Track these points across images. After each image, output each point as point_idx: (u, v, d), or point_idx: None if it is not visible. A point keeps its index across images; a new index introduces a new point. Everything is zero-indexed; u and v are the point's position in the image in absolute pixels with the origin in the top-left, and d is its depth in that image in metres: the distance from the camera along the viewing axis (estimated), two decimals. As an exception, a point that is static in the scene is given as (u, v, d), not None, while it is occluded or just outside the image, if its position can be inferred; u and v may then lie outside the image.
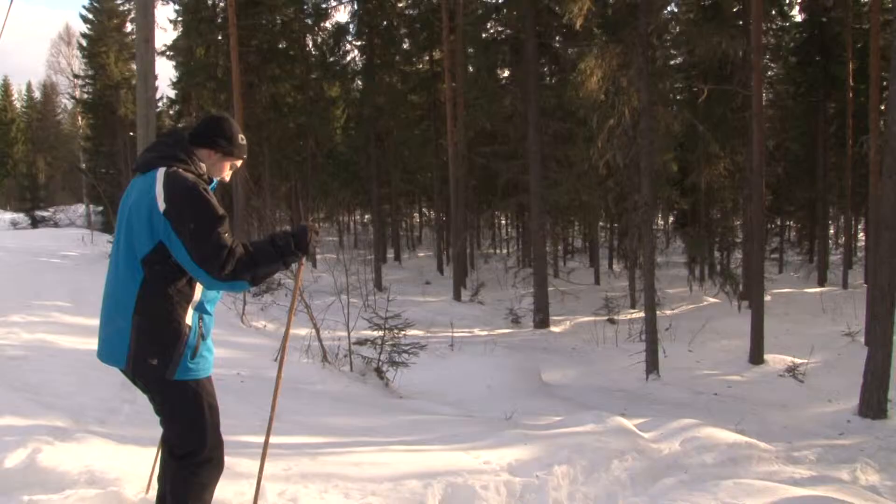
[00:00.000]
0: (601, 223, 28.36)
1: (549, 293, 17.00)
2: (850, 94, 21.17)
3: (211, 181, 2.81)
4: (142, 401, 5.12)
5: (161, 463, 2.93)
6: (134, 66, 17.01)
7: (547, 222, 18.50)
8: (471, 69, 21.41)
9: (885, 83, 15.11)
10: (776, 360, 12.88)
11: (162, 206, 2.49)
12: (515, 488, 4.34)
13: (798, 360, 12.35)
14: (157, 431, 2.99)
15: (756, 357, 12.87)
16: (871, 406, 9.40)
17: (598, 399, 9.90)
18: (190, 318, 2.64)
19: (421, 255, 34.21)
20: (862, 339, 13.10)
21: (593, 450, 5.17)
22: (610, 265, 30.75)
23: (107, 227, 25.95)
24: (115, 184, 30.05)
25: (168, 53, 25.54)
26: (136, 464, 3.72)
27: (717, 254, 26.03)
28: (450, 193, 21.12)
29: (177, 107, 30.27)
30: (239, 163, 2.92)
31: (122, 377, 2.83)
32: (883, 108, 9.39)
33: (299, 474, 4.01)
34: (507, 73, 20.90)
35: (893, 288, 9.54)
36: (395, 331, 8.70)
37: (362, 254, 21.91)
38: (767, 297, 17.71)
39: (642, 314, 12.24)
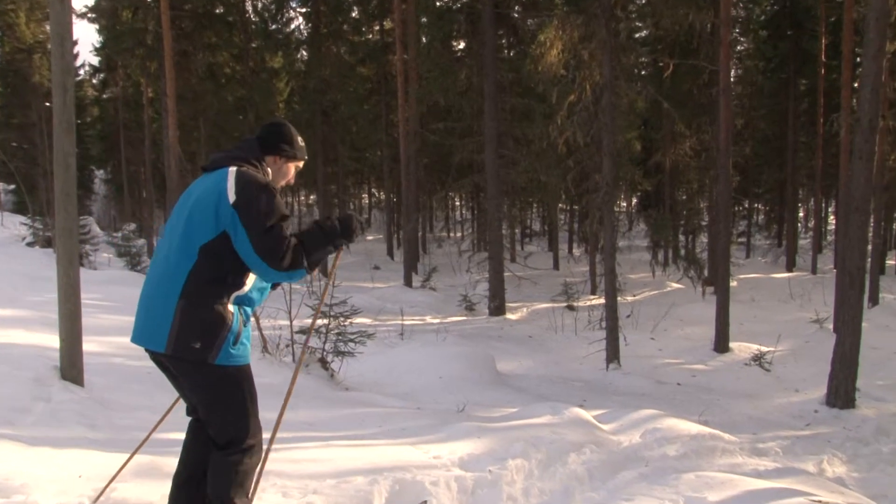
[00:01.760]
0: (561, 205, 28.57)
1: (506, 279, 17.08)
2: (822, 71, 21.57)
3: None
4: (58, 398, 5.02)
5: (188, 454, 3.08)
6: (48, 28, 16.45)
7: (503, 204, 18.54)
8: (424, 40, 21.24)
9: (858, 59, 15.48)
10: (742, 348, 13.17)
11: (232, 197, 2.76)
12: (467, 484, 4.34)
13: (764, 348, 12.65)
14: (77, 432, 2.90)
15: (721, 345, 13.14)
16: (839, 395, 9.67)
17: (556, 389, 9.99)
18: (232, 306, 2.85)
19: (370, 238, 34.02)
20: (830, 326, 13.47)
21: (549, 442, 5.20)
22: (570, 249, 31.07)
23: (20, 208, 25.10)
24: (30, 160, 28.99)
25: (89, 15, 24.77)
26: (51, 468, 3.60)
27: (681, 237, 26.48)
28: (401, 173, 21.03)
29: (101, 75, 29.47)
30: (301, 164, 3.27)
31: (39, 373, 2.76)
32: (856, 85, 9.58)
33: None
34: (462, 45, 20.81)
35: (863, 273, 9.81)
36: (341, 319, 8.61)
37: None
38: (733, 283, 18.12)
39: (603, 300, 12.37)
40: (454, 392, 8.36)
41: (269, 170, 3.07)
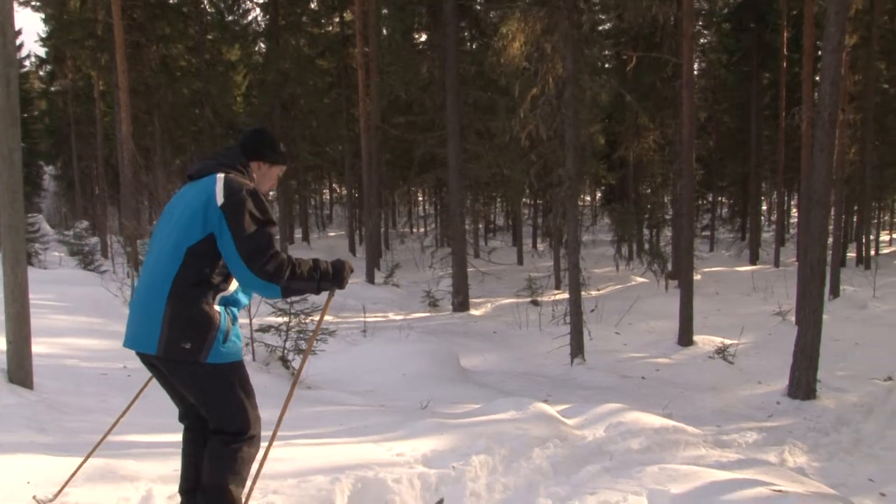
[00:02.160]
0: (525, 199, 28.72)
1: (469, 274, 17.12)
2: (785, 64, 21.92)
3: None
4: (5, 402, 4.91)
5: (189, 464, 3.19)
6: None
7: (466, 198, 18.59)
8: (385, 32, 21.18)
9: (819, 53, 15.78)
10: (706, 341, 13.36)
11: (220, 200, 2.87)
12: (430, 481, 4.35)
13: (728, 341, 12.84)
14: (25, 436, 2.84)
15: (685, 338, 13.31)
16: (801, 387, 9.87)
17: (520, 385, 10.05)
18: (218, 306, 2.94)
19: (332, 234, 33.89)
20: (793, 319, 13.76)
21: (513, 438, 5.22)
22: (534, 244, 31.25)
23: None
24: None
25: (34, 3, 24.15)
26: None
27: (646, 231, 26.79)
28: (362, 168, 20.91)
29: (48, 67, 28.81)
30: (284, 169, 3.38)
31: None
32: (817, 78, 9.77)
33: (157, 477, 3.87)
34: (424, 38, 20.79)
35: (823, 266, 10.02)
36: (302, 316, 8.56)
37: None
38: (697, 276, 18.41)
39: (567, 295, 12.46)
40: (417, 389, 8.36)
41: (254, 175, 3.19)
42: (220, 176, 2.97)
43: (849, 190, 25.28)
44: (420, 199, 43.79)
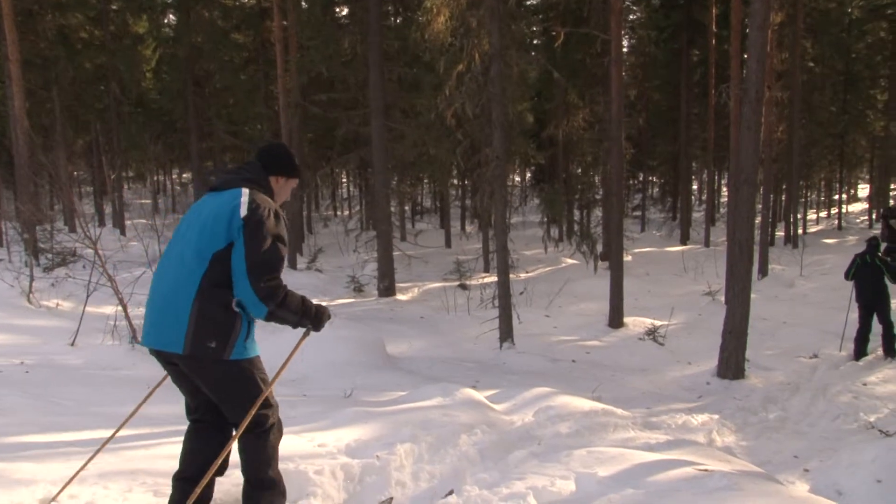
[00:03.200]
0: (453, 180, 28.78)
1: (395, 258, 17.11)
2: (714, 41, 22.41)
3: None
4: None
5: (192, 456, 3.43)
6: None
7: (392, 179, 18.54)
8: (304, 5, 20.83)
9: (746, 30, 16.23)
10: (636, 322, 13.70)
11: (244, 212, 3.16)
12: (354, 471, 4.36)
13: (658, 322, 13.19)
14: None
15: (615, 320, 13.62)
16: (730, 367, 10.22)
17: (448, 371, 10.12)
18: (238, 307, 3.20)
19: (251, 219, 33.30)
20: (723, 299, 14.20)
21: (440, 425, 5.27)
22: (462, 226, 31.40)
23: None
24: None
25: None
26: None
27: (576, 212, 27.20)
28: (282, 147, 20.60)
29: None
30: (297, 181, 3.70)
31: None
32: (747, 56, 10.04)
33: (97, 474, 3.81)
34: (345, 11, 20.55)
35: (751, 245, 10.37)
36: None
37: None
38: (628, 257, 18.83)
39: (496, 278, 12.58)
40: (341, 377, 8.33)
41: (273, 189, 3.49)
42: (246, 191, 3.26)
43: (777, 169, 26.20)
44: (344, 180, 43.44)
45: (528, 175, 39.11)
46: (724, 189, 35.16)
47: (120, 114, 24.77)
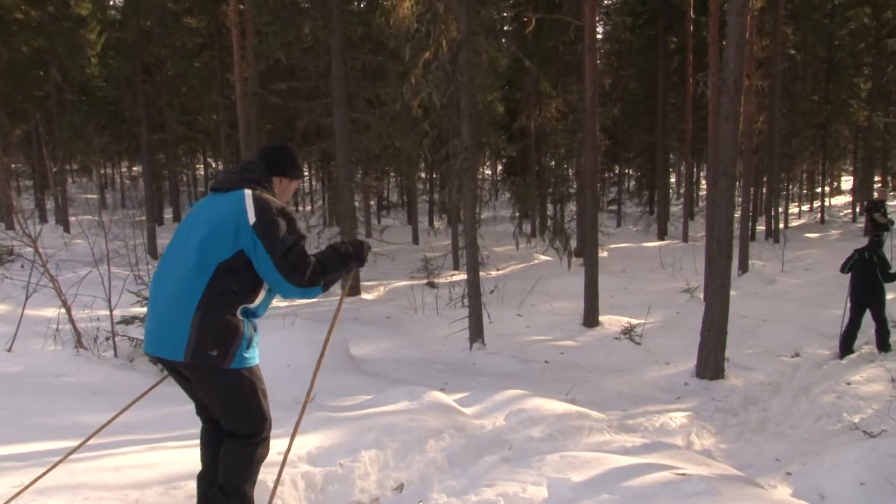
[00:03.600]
0: (420, 174, 28.78)
1: (361, 256, 17.03)
2: (692, 28, 22.58)
3: None
4: None
5: (209, 453, 3.65)
6: None
7: (356, 173, 18.46)
8: (261, -13, 20.67)
9: (725, 16, 16.38)
10: (612, 321, 13.78)
11: (252, 219, 3.26)
12: (315, 480, 4.36)
13: (635, 321, 13.29)
14: None
15: (590, 319, 13.69)
16: (709, 366, 10.33)
17: (416, 373, 10.12)
18: (241, 316, 3.34)
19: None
20: (701, 296, 14.34)
21: (406, 430, 5.27)
22: (430, 222, 31.41)
23: None
24: None
25: None
26: None
27: (549, 206, 27.32)
28: (240, 140, 20.42)
29: None
30: (300, 182, 3.89)
31: None
32: (725, 43, 10.14)
33: (36, 490, 3.73)
34: (305, -6, 20.36)
35: (730, 239, 10.48)
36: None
37: (131, 214, 20.73)
38: (603, 253, 18.94)
39: (465, 276, 12.60)
40: (303, 381, 8.26)
41: (275, 190, 3.60)
42: (248, 193, 3.36)
43: (757, 160, 26.53)
44: (305, 173, 43.24)
45: (499, 168, 39.22)
46: (703, 182, 35.53)
47: (62, 102, 24.36)
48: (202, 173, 40.99)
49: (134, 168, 37.03)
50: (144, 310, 8.40)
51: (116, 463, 4.23)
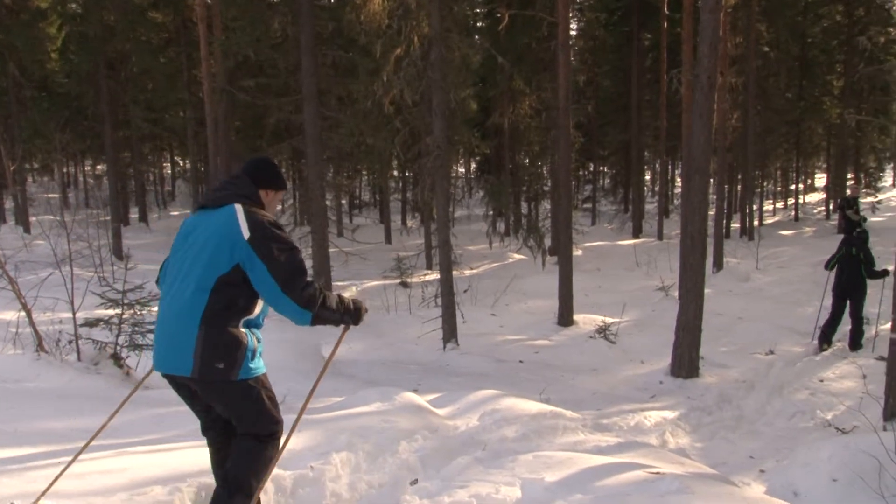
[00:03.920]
0: (393, 172, 28.73)
1: (332, 255, 17.01)
2: (665, 24, 22.73)
3: None
4: None
5: (220, 458, 3.79)
6: None
7: (327, 171, 18.40)
8: (228, -19, 20.54)
9: (699, 14, 16.52)
10: (587, 320, 13.88)
11: (246, 234, 3.38)
12: (285, 483, 4.35)
13: (610, 320, 13.40)
14: None
15: (565, 318, 13.79)
16: (683, 365, 10.44)
17: (388, 374, 10.13)
18: (243, 328, 3.49)
19: (175, 213, 32.79)
20: (676, 294, 14.47)
21: (379, 431, 5.29)
22: (403, 221, 31.39)
23: None
24: None
25: None
26: None
27: (523, 205, 27.40)
28: (208, 137, 20.30)
29: None
30: (283, 194, 3.96)
31: None
32: (699, 40, 10.23)
33: None
34: (274, -11, 20.25)
35: (704, 237, 10.59)
36: (138, 307, 8.27)
37: (96, 214, 20.54)
38: (578, 252, 19.05)
39: (438, 275, 12.62)
40: (274, 383, 8.06)
41: (263, 203, 3.71)
42: (240, 207, 3.48)
43: (732, 158, 26.80)
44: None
45: (473, 166, 39.24)
46: (678, 179, 35.77)
47: (20, 98, 24.06)
48: (169, 172, 40.70)
49: (98, 166, 36.58)
50: (110, 312, 8.39)
51: (82, 469, 4.18)
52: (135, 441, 5.03)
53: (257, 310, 3.57)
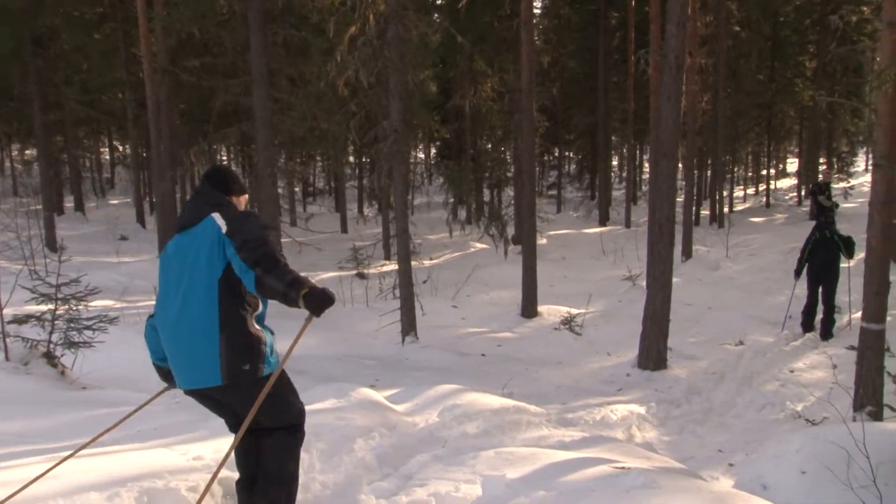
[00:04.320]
0: (348, 158, 28.62)
1: (284, 245, 16.92)
2: (633, 3, 22.86)
3: None
4: None
5: (246, 460, 4.00)
6: None
7: (279, 157, 18.26)
8: (169, -48, 20.23)
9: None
10: (551, 311, 13.97)
11: (224, 228, 3.64)
12: (234, 486, 4.31)
13: (575, 311, 13.50)
14: None
15: (528, 310, 13.86)
16: (651, 356, 10.54)
17: (345, 369, 10.10)
18: (256, 325, 3.77)
19: (114, 202, 32.37)
20: (644, 283, 14.62)
21: (333, 429, 5.29)
22: (360, 209, 31.31)
23: None
24: None
25: None
26: None
27: (486, 192, 27.46)
28: (149, 121, 20.04)
29: None
30: (247, 196, 4.19)
31: None
32: (667, 19, 10.29)
33: None
34: (219, -38, 20.01)
35: (672, 224, 10.69)
36: (73, 302, 8.16)
37: (26, 203, 20.23)
38: (542, 241, 19.15)
39: (396, 266, 12.62)
40: (221, 381, 8.21)
41: (233, 208, 3.93)
42: (217, 214, 3.73)
43: (701, 142, 27.09)
44: (224, 157, 42.62)
45: (433, 151, 39.26)
46: (647, 165, 36.08)
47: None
48: (108, 158, 40.07)
49: (27, 151, 35.89)
50: (41, 307, 8.24)
51: (6, 478, 4.11)
52: (71, 445, 4.95)
53: (261, 305, 3.83)
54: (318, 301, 3.56)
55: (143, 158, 28.43)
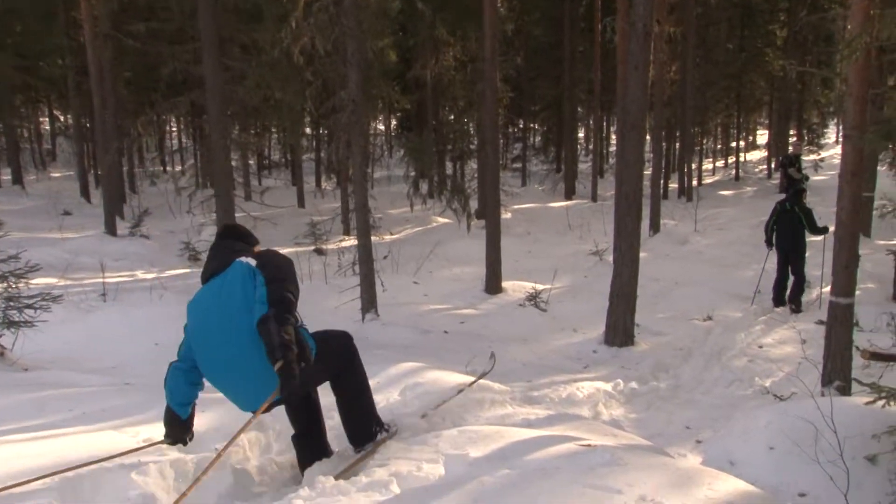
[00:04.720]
0: (306, 129, 28.40)
1: (240, 220, 16.76)
2: (600, -32, 22.85)
3: None
4: None
5: (302, 415, 4.79)
6: None
7: (232, 128, 18.07)
8: None
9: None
10: (516, 287, 14.07)
11: (254, 263, 4.36)
12: (187, 468, 4.34)
13: (540, 287, 13.59)
14: None
15: (492, 286, 13.94)
16: (618, 333, 10.68)
17: (303, 348, 10.08)
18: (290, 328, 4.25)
19: (56, 175, 31.82)
20: (610, 258, 14.74)
21: (290, 410, 5.27)
22: (318, 183, 31.13)
23: None
24: None
25: None
26: None
27: (448, 164, 27.42)
28: (91, 89, 19.70)
29: None
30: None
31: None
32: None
33: None
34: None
35: (639, 197, 10.78)
36: (12, 279, 8.04)
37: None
38: (507, 215, 19.24)
39: (356, 241, 12.59)
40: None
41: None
42: (241, 258, 4.42)
43: (670, 113, 27.25)
44: (173, 129, 42.09)
45: (393, 123, 39.04)
46: (614, 137, 36.22)
47: None
48: (48, 128, 39.35)
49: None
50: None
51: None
52: (10, 429, 4.92)
53: (300, 317, 4.44)
54: (286, 380, 4.02)
55: (86, 129, 27.92)
